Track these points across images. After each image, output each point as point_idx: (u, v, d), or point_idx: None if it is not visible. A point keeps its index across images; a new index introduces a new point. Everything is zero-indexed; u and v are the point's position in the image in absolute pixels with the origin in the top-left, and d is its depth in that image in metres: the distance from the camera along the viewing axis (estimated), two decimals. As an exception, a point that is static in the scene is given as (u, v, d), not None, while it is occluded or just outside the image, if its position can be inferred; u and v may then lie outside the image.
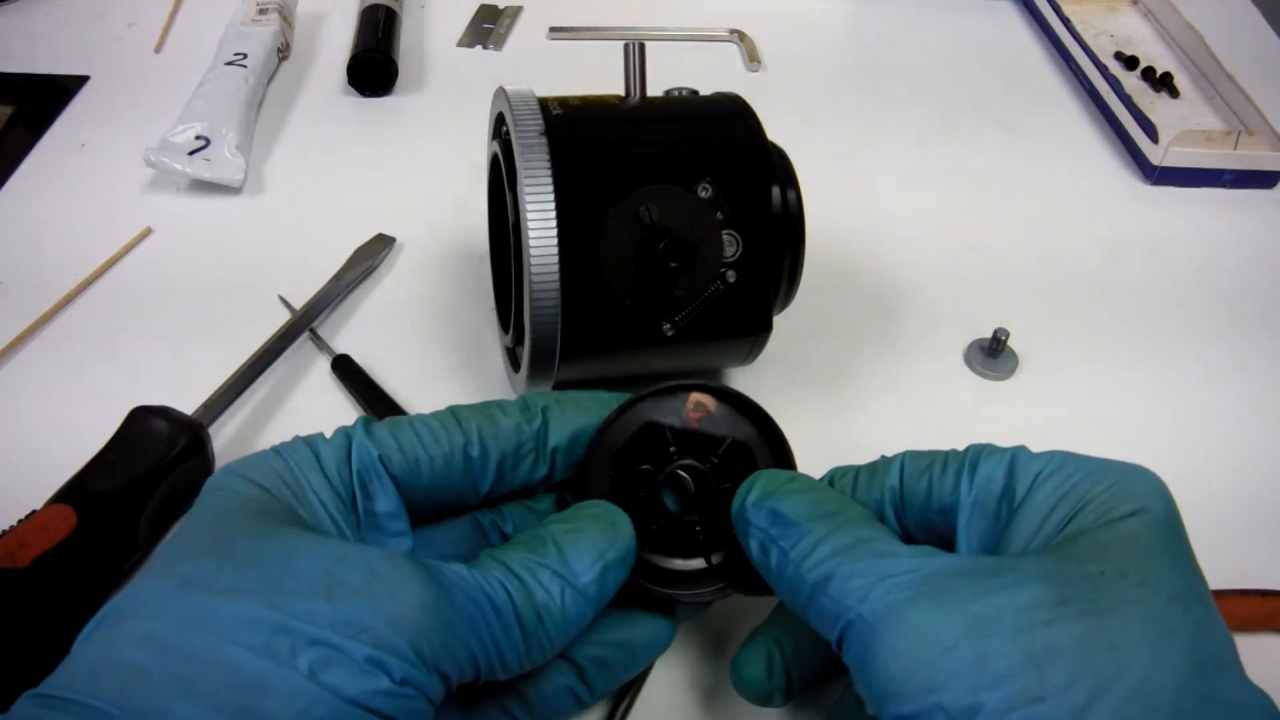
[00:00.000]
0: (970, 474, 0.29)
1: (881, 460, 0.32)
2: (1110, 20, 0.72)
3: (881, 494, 0.30)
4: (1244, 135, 0.57)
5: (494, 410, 0.31)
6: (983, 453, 0.29)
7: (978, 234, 0.54)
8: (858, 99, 0.65)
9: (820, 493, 0.29)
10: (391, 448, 0.29)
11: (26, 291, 0.47)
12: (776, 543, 0.28)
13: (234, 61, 0.59)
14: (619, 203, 0.36)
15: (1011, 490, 0.28)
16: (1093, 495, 0.26)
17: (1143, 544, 0.25)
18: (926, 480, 0.29)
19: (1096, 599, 0.23)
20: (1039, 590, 0.24)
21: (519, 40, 0.69)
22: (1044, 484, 0.27)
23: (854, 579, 0.26)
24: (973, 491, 0.28)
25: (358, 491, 0.28)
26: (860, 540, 0.27)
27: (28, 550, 0.32)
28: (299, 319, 0.45)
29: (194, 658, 0.22)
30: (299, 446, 0.29)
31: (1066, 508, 0.26)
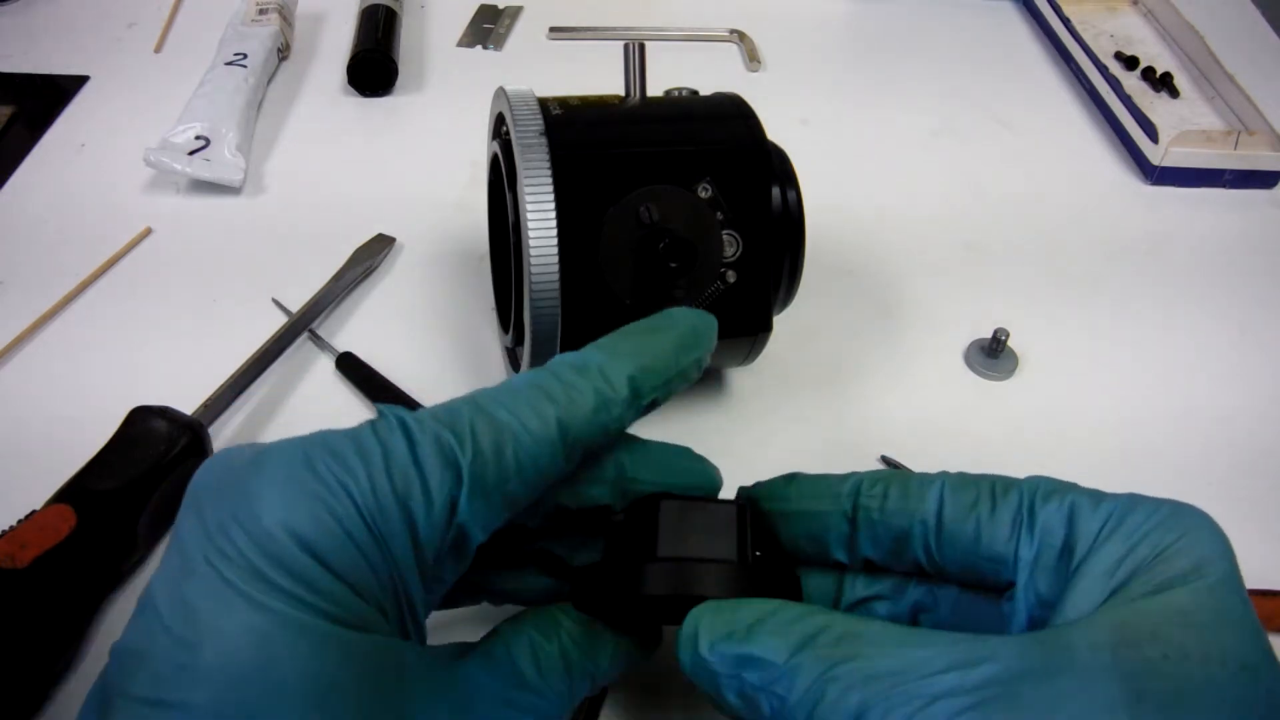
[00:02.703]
0: (1030, 525, 0.26)
1: (915, 479, 0.28)
2: (1110, 20, 0.72)
3: (911, 522, 0.28)
4: (1244, 135, 0.57)
5: (604, 419, 0.27)
6: (1038, 495, 0.27)
7: (978, 234, 0.54)
8: (858, 99, 0.65)
9: (786, 612, 0.25)
10: (496, 504, 0.25)
11: (26, 291, 0.47)
12: (765, 691, 0.24)
13: (234, 61, 0.59)
14: (619, 203, 0.36)
15: (1071, 548, 0.25)
16: (1157, 553, 0.24)
17: (1203, 614, 0.23)
18: (975, 522, 0.27)
19: (1168, 689, 0.22)
20: (1110, 691, 0.21)
21: (519, 40, 0.69)
22: (1105, 543, 0.25)
23: (893, 713, 0.22)
24: (1034, 547, 0.26)
25: (441, 557, 0.25)
26: (873, 661, 0.23)
27: (28, 550, 0.32)
28: (299, 319, 0.45)
29: None
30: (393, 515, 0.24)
31: (1126, 571, 0.24)
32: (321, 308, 0.46)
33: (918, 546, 0.28)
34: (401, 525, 0.24)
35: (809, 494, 0.31)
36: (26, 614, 0.31)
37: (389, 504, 0.23)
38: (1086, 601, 0.24)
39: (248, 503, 0.23)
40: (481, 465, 0.24)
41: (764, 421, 0.43)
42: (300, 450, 0.24)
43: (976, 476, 0.28)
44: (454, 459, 0.24)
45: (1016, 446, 0.42)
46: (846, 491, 0.29)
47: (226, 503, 0.23)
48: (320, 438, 0.25)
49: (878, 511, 0.28)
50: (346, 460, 0.24)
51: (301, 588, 0.22)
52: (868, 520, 0.29)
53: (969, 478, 0.28)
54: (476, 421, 0.25)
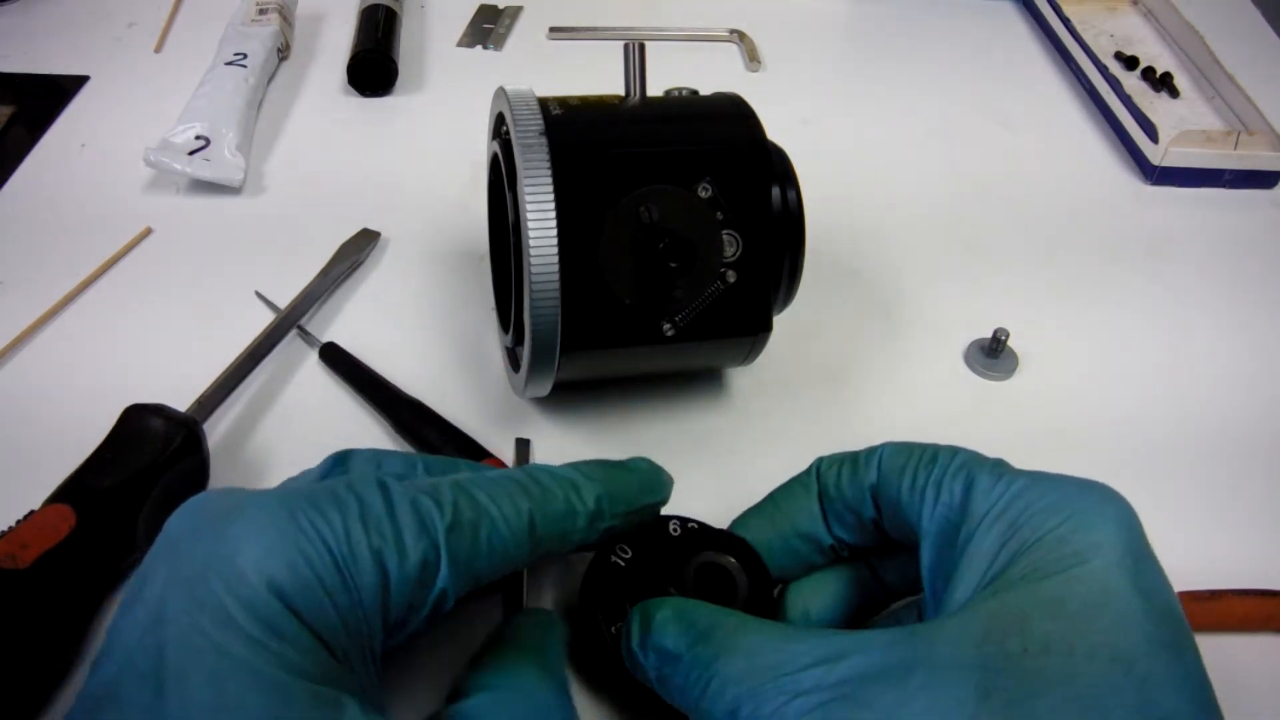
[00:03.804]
0: (935, 498, 0.27)
1: (864, 452, 0.31)
2: (1110, 20, 0.72)
3: (862, 492, 0.30)
4: (1244, 135, 0.57)
5: (568, 525, 0.29)
6: (946, 473, 0.27)
7: (978, 234, 0.54)
8: (858, 99, 0.65)
9: (690, 611, 0.27)
10: (464, 573, 0.27)
11: (26, 291, 0.47)
12: (670, 680, 0.27)
13: (234, 61, 0.59)
14: (619, 203, 0.36)
15: (959, 527, 0.26)
16: (1038, 537, 0.24)
17: (1075, 604, 0.23)
18: (897, 490, 0.28)
19: (1020, 684, 0.22)
20: (959, 689, 0.22)
21: (519, 40, 0.69)
22: (992, 525, 0.25)
23: (763, 707, 0.24)
24: (934, 521, 0.27)
25: (409, 611, 0.26)
26: (751, 656, 0.25)
27: (29, 550, 0.32)
28: (289, 314, 0.45)
29: None
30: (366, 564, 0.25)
31: (1008, 555, 0.25)
32: (310, 303, 0.46)
33: (869, 511, 0.30)
34: (374, 577, 0.25)
35: (783, 498, 0.33)
36: (29, 614, 0.31)
37: (363, 554, 0.25)
38: (964, 588, 0.25)
39: (225, 547, 0.24)
40: (458, 537, 0.26)
41: (764, 421, 0.43)
42: (279, 500, 0.25)
43: (915, 445, 0.29)
44: (431, 524, 0.26)
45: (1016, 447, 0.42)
46: (810, 480, 0.32)
47: (203, 547, 0.24)
48: (299, 490, 0.26)
49: (834, 488, 0.31)
50: (324, 510, 0.25)
51: (265, 632, 0.23)
52: (829, 499, 0.31)
53: (905, 446, 0.29)
54: (459, 498, 0.27)
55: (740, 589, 0.31)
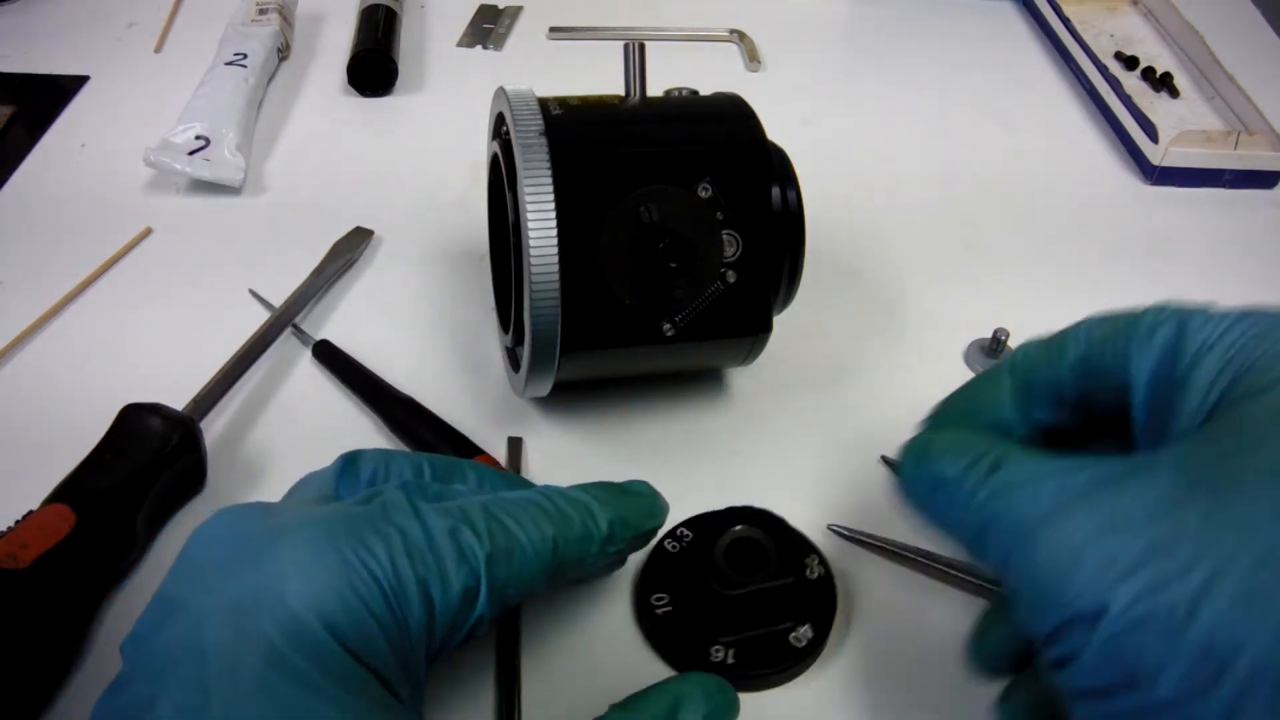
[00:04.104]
0: (1146, 346, 0.27)
1: (1067, 329, 0.30)
2: (1110, 20, 0.72)
3: (1066, 368, 0.29)
4: (1244, 135, 0.57)
5: (585, 550, 0.30)
6: (1159, 319, 0.27)
7: (978, 234, 0.54)
8: (858, 99, 0.65)
9: (959, 440, 0.28)
10: (499, 599, 0.28)
11: (26, 291, 0.47)
12: (939, 503, 0.27)
13: (234, 61, 0.59)
14: (619, 203, 0.36)
15: (1174, 367, 0.26)
16: (1252, 362, 0.24)
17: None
18: (1106, 352, 0.28)
19: (1227, 475, 0.22)
20: (1170, 477, 0.22)
21: (519, 40, 0.69)
22: (1206, 355, 0.25)
23: (1008, 516, 0.25)
24: (1146, 368, 0.26)
25: (449, 636, 0.27)
26: (1008, 476, 0.25)
27: (29, 550, 0.32)
28: (284, 313, 0.45)
29: None
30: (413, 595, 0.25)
31: (1225, 381, 0.24)
32: (304, 301, 0.46)
33: (1069, 396, 0.29)
34: (421, 608, 0.25)
35: (976, 390, 0.31)
36: (30, 614, 0.31)
37: (410, 584, 0.25)
38: (1189, 411, 0.25)
39: (273, 582, 0.24)
40: (495, 564, 0.27)
41: (764, 421, 0.43)
42: (321, 529, 0.25)
43: (1118, 311, 0.29)
44: (471, 553, 0.27)
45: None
46: (1002, 373, 0.30)
47: (244, 578, 0.24)
48: (340, 519, 0.26)
49: (1037, 371, 0.30)
50: (369, 543, 0.25)
51: (320, 673, 0.23)
52: (1030, 385, 0.30)
53: (1109, 314, 0.29)
54: (491, 525, 0.28)
55: (771, 556, 0.34)
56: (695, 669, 0.33)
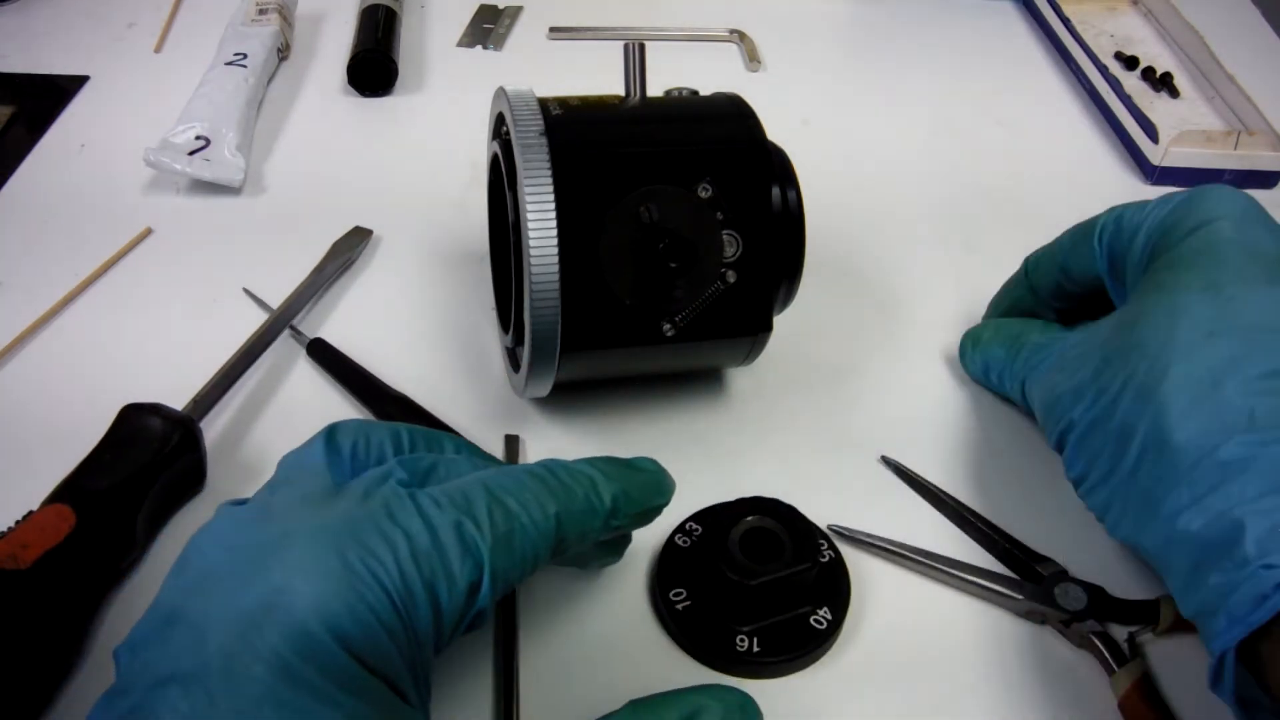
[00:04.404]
0: (1098, 245, 0.38)
1: (1050, 245, 0.42)
2: (1110, 20, 0.72)
3: (1056, 276, 0.41)
4: (1244, 135, 0.57)
5: (588, 525, 0.30)
6: (1105, 219, 0.38)
7: (978, 234, 0.54)
8: (858, 99, 0.65)
9: (1005, 325, 0.43)
10: (501, 586, 0.27)
11: (26, 291, 0.47)
12: (996, 376, 0.42)
13: (234, 61, 0.59)
14: (619, 203, 0.36)
15: (1119, 249, 0.37)
16: (1168, 228, 0.34)
17: (1188, 252, 0.32)
18: (1080, 253, 0.39)
19: (1139, 307, 0.32)
20: (1106, 324, 0.34)
21: (519, 40, 0.69)
22: (1138, 234, 0.35)
23: (1035, 377, 0.38)
24: (1104, 258, 0.38)
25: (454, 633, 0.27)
26: (1029, 352, 0.39)
27: (30, 550, 0.32)
28: (283, 313, 0.45)
29: None
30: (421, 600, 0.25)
31: (1150, 248, 0.35)
32: (303, 301, 0.46)
33: (1065, 286, 0.41)
34: (428, 610, 0.25)
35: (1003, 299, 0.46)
36: (31, 614, 0.31)
37: (418, 590, 0.25)
38: (1135, 282, 0.35)
39: (280, 595, 0.23)
40: (498, 553, 0.27)
41: (764, 421, 0.43)
42: (325, 537, 0.25)
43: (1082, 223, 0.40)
44: (475, 547, 0.26)
45: (1018, 447, 0.42)
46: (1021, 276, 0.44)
47: (251, 590, 0.24)
48: (342, 523, 0.25)
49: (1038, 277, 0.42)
50: (374, 549, 0.25)
51: (332, 685, 0.23)
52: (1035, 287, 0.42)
53: (1077, 226, 0.40)
54: (494, 509, 0.27)
55: (786, 543, 0.34)
56: (722, 661, 0.34)
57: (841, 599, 0.35)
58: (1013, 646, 0.35)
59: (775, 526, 0.35)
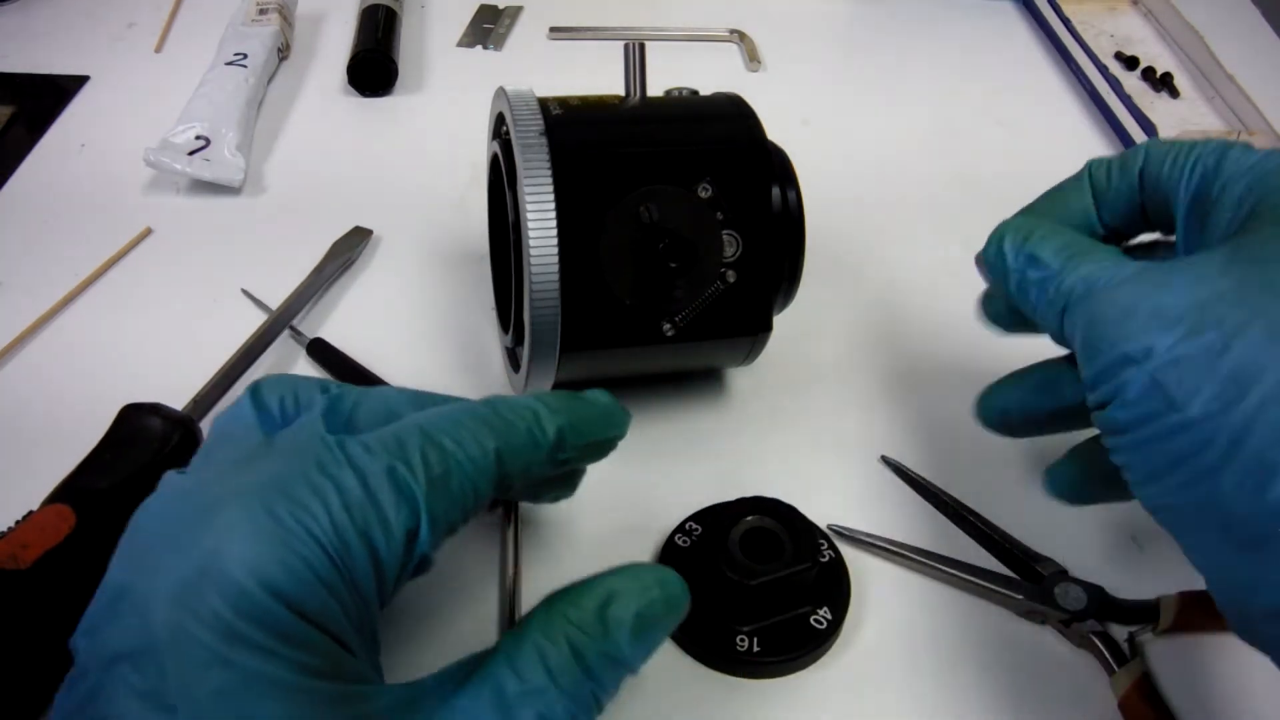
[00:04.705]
0: (1190, 170, 0.32)
1: (1130, 150, 0.34)
2: (1110, 20, 0.72)
3: (1132, 178, 0.33)
4: (1244, 135, 0.57)
5: (531, 458, 0.28)
6: (1204, 149, 0.32)
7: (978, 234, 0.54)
8: (858, 99, 0.65)
9: (1058, 232, 0.32)
10: (441, 530, 0.26)
11: (26, 291, 0.47)
12: (1037, 285, 0.31)
13: (234, 61, 0.59)
14: (619, 203, 0.36)
15: (1211, 187, 0.30)
16: (1275, 186, 0.28)
17: None
18: (1160, 169, 0.32)
19: (1262, 250, 0.26)
20: (1216, 255, 0.27)
21: (519, 40, 0.69)
22: (1238, 181, 0.29)
23: (1090, 300, 0.29)
24: (1189, 189, 0.31)
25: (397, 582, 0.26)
26: (1095, 272, 0.29)
27: (30, 550, 0.32)
28: (283, 313, 0.45)
29: None
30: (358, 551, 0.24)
31: (1251, 202, 0.29)
32: (303, 301, 0.46)
33: (1135, 202, 0.33)
34: (366, 560, 0.24)
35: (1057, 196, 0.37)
36: (31, 614, 0.31)
37: (353, 541, 0.24)
38: (1219, 232, 0.29)
39: (214, 558, 0.23)
40: (434, 496, 0.25)
41: (764, 421, 0.43)
42: (255, 496, 0.24)
43: (1177, 139, 0.34)
44: (410, 492, 0.25)
45: (1017, 446, 0.42)
46: (1082, 180, 0.35)
47: (185, 556, 0.24)
48: (271, 480, 0.25)
49: (1105, 180, 0.34)
50: (305, 502, 0.24)
51: (275, 640, 0.22)
52: (1100, 191, 0.34)
53: (1169, 140, 0.33)
54: (427, 451, 0.26)
55: (785, 543, 0.34)
56: (722, 661, 0.34)
57: (841, 599, 0.35)
58: (1013, 646, 0.35)
59: (775, 526, 0.35)
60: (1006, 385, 0.34)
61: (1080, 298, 0.29)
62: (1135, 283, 0.28)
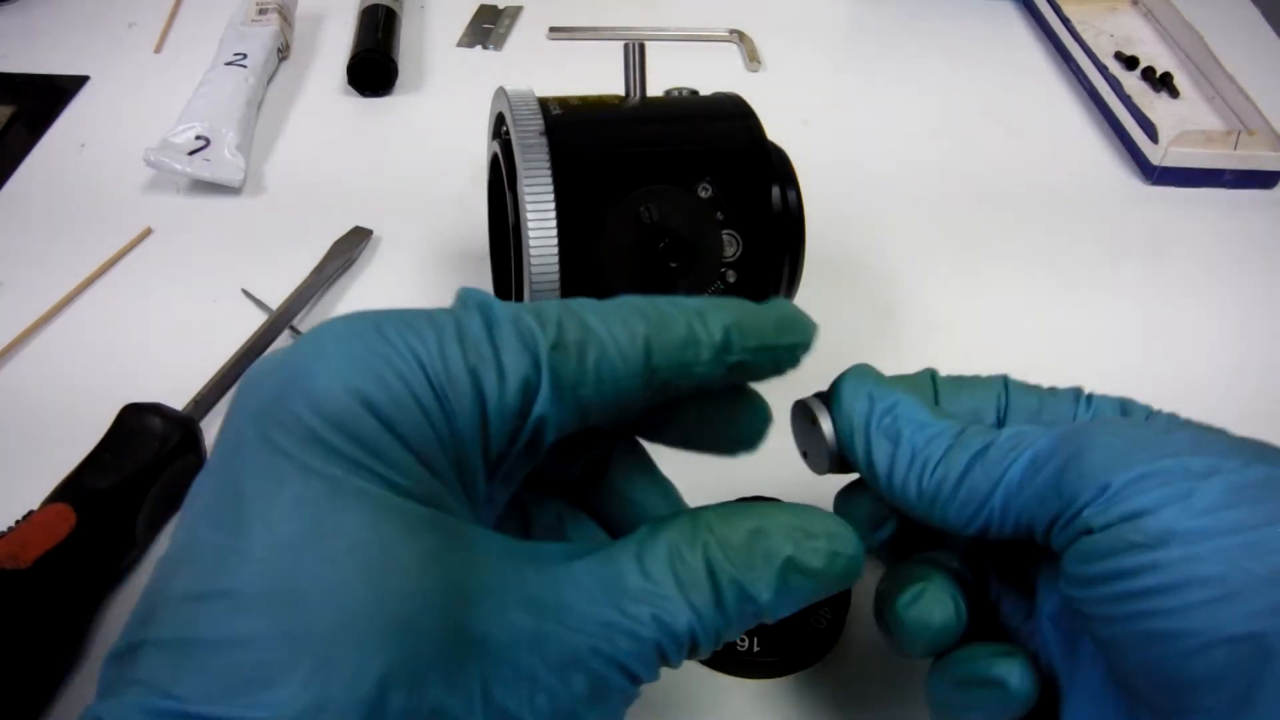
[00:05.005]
0: (1088, 405, 0.29)
1: (968, 377, 0.31)
2: (1110, 20, 0.72)
3: (982, 403, 0.30)
4: (1244, 135, 0.57)
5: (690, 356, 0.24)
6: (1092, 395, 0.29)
7: (977, 234, 0.54)
8: (858, 99, 0.65)
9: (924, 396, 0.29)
10: (569, 401, 0.23)
11: (26, 291, 0.47)
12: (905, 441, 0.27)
13: (234, 61, 0.59)
14: (619, 203, 0.36)
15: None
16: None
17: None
18: (1036, 401, 0.29)
19: None
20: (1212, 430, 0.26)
21: (519, 40, 0.69)
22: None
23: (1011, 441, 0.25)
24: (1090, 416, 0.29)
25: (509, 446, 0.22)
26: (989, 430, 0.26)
27: (30, 550, 0.32)
28: (283, 313, 0.45)
29: None
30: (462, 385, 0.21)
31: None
32: (303, 301, 0.46)
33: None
34: (471, 400, 0.21)
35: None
36: (31, 614, 0.31)
37: (460, 374, 0.21)
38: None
39: (306, 365, 0.21)
40: (561, 357, 0.22)
41: (764, 421, 0.43)
42: (368, 317, 0.23)
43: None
44: (533, 342, 0.22)
45: (1016, 446, 0.42)
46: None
47: (283, 373, 0.21)
48: (391, 310, 0.23)
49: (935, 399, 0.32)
50: (418, 328, 0.22)
51: (361, 450, 0.20)
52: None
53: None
54: (564, 317, 0.23)
55: None
56: (722, 661, 0.34)
57: (841, 599, 0.35)
58: (1013, 646, 0.35)
59: None
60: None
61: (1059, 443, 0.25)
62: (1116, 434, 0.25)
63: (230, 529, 0.19)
